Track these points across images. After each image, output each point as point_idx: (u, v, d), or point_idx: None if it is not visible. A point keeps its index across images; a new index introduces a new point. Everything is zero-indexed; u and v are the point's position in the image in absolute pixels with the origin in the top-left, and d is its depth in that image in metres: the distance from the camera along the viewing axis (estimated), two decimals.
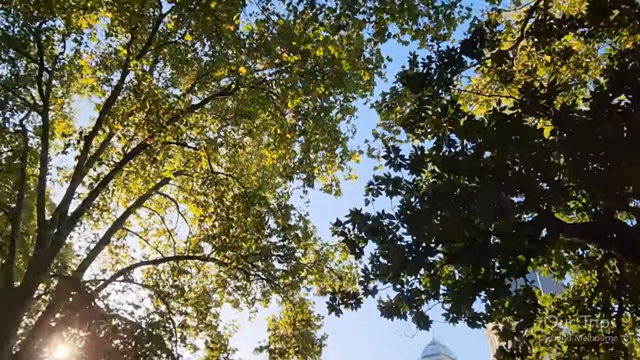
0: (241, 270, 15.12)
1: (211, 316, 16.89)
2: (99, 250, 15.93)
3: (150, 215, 20.46)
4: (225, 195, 13.40)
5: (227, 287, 17.07)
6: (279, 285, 13.99)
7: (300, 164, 13.68)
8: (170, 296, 15.80)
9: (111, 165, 14.78)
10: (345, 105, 15.22)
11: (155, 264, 16.57)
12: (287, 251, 13.59)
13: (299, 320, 14.13)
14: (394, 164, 7.29)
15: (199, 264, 18.46)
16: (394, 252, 7.57)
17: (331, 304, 8.16)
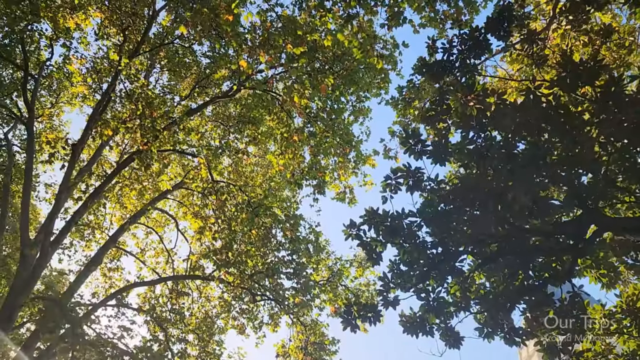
0: (246, 291, 14.66)
1: (214, 344, 16.38)
2: (90, 272, 15.60)
3: (147, 235, 20.18)
4: (227, 204, 13.01)
5: (231, 311, 16.59)
6: (288, 306, 13.48)
7: (310, 169, 13.30)
8: (169, 321, 15.35)
9: (102, 177, 14.52)
10: (358, 106, 14.89)
11: (152, 285, 16.18)
12: (296, 266, 13.11)
13: (312, 344, 13.57)
14: (415, 152, 6.86)
15: (200, 285, 18.05)
16: (417, 256, 7.10)
17: (346, 319, 7.68)
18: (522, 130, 6.56)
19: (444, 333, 8.17)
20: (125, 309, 15.34)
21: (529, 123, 6.50)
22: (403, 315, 8.14)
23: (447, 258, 6.96)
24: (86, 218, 18.52)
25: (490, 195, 6.62)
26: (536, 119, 6.55)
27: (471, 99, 6.47)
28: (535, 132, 6.54)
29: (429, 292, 7.27)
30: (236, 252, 12.98)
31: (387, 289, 7.57)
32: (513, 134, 6.68)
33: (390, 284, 7.56)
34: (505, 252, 6.78)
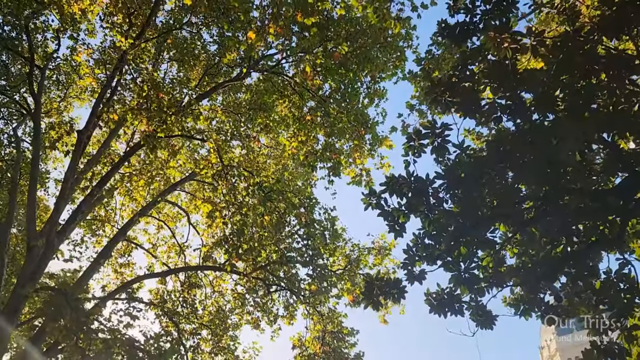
0: (260, 282, 13.98)
1: (228, 339, 15.71)
2: (99, 266, 15.04)
3: (158, 229, 19.64)
4: (237, 187, 12.36)
5: (245, 305, 15.92)
6: (304, 295, 12.77)
7: (324, 151, 12.60)
8: (181, 315, 14.72)
9: (109, 164, 13.97)
10: (373, 87, 14.18)
11: (163, 276, 15.57)
12: (312, 252, 12.40)
13: (329, 333, 12.83)
14: (440, 102, 6.10)
15: (213, 281, 17.43)
16: (446, 222, 6.34)
17: (367, 295, 6.94)
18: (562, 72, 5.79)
19: (474, 312, 7.41)
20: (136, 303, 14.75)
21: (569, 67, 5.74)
22: (429, 293, 7.41)
23: (478, 224, 6.19)
24: (96, 212, 18.07)
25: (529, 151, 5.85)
26: (576, 64, 5.79)
27: (506, 39, 5.72)
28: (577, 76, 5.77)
29: (459, 262, 6.49)
30: (248, 239, 12.31)
31: (411, 262, 6.83)
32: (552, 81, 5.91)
33: (416, 256, 6.82)
34: (545, 216, 6.01)
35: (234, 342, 15.72)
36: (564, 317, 7.40)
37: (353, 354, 12.84)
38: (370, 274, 6.85)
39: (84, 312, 9.43)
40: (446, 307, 7.26)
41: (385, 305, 11.38)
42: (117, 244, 16.06)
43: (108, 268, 19.06)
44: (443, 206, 6.38)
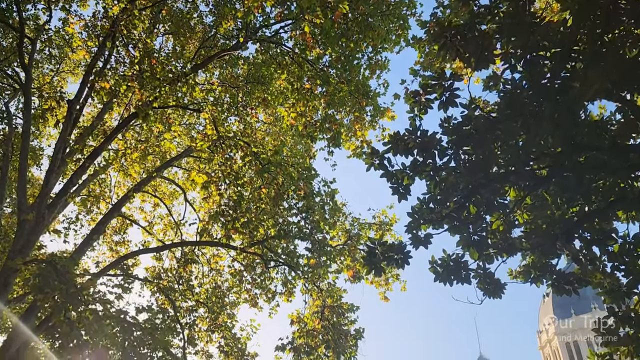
0: (258, 258, 13.59)
1: (225, 317, 15.37)
2: (93, 241, 14.67)
3: (155, 207, 19.24)
4: (234, 157, 11.89)
5: (243, 283, 15.55)
6: (302, 270, 12.37)
7: (324, 121, 12.13)
8: (177, 292, 14.36)
9: (102, 136, 13.49)
10: (375, 58, 13.65)
11: (158, 251, 15.18)
12: (310, 225, 11.98)
13: (328, 307, 12.45)
14: (450, 47, 5.62)
15: (211, 259, 17.06)
16: (454, 181, 5.91)
17: (369, 261, 6.54)
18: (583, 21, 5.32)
19: (482, 280, 7.03)
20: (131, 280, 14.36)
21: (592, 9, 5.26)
22: (434, 260, 7.01)
23: (489, 182, 5.76)
24: (90, 189, 17.66)
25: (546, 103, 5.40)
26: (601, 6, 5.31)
27: None
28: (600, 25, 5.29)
29: (467, 224, 6.08)
30: (245, 210, 11.88)
31: (416, 226, 6.42)
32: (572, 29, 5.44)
33: (421, 220, 6.40)
34: (561, 173, 5.57)
35: (232, 320, 15.38)
36: (576, 285, 7.02)
37: (353, 330, 12.49)
38: (372, 238, 6.40)
39: (73, 284, 9.03)
40: (452, 275, 6.87)
41: (387, 272, 11.01)
42: (112, 220, 15.66)
43: (103, 246, 18.74)
44: (451, 164, 5.93)
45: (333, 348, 11.74)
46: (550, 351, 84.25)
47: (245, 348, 15.09)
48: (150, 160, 15.49)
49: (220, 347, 15.08)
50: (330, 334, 11.93)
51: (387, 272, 10.83)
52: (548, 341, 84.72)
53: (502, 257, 6.81)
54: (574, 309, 79.27)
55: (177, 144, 17.81)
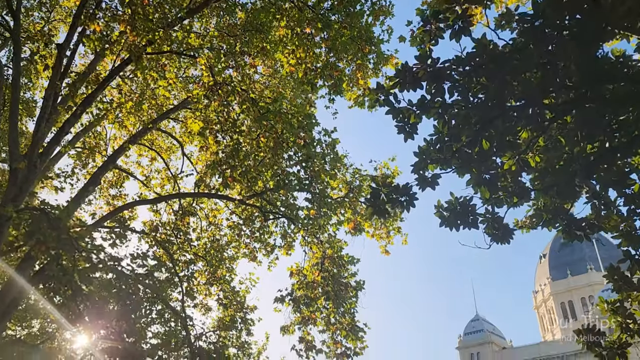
0: (257, 210, 13.30)
1: (224, 270, 15.21)
2: (88, 193, 14.37)
3: (152, 161, 18.85)
4: (231, 102, 11.43)
5: (241, 236, 15.33)
6: (302, 222, 12.10)
7: (324, 67, 11.61)
8: (174, 244, 14.14)
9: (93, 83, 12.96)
10: (379, 3, 12.99)
11: (154, 203, 14.88)
12: (310, 175, 11.62)
13: (328, 258, 12.24)
14: None
15: (209, 213, 16.80)
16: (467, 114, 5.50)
17: (373, 203, 6.19)
18: None
19: (490, 225, 6.70)
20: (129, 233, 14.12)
21: None
22: (440, 205, 6.66)
23: (504, 114, 5.35)
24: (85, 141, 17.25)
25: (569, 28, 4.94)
26: None
27: None
28: None
29: (478, 162, 5.69)
30: (243, 158, 11.49)
31: (423, 166, 6.05)
32: None
33: (428, 159, 6.03)
34: (582, 104, 5.16)
35: (230, 274, 15.23)
36: (588, 231, 6.71)
37: (353, 282, 12.31)
38: (376, 178, 6.04)
39: (65, 231, 8.74)
40: (459, 219, 6.54)
41: (392, 214, 10.71)
42: (107, 172, 15.30)
43: (100, 200, 18.46)
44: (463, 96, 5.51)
45: (333, 299, 11.59)
46: (545, 310, 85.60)
47: (244, 301, 14.99)
48: (146, 112, 15.01)
49: (219, 300, 14.99)
50: (330, 285, 11.75)
51: (391, 215, 10.50)
52: (543, 301, 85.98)
53: (512, 200, 6.48)
54: (570, 269, 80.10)
55: (174, 96, 17.30)
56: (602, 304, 6.70)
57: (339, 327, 11.78)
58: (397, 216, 12.97)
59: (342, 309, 11.81)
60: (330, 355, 11.73)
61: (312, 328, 12.39)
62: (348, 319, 11.83)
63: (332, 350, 11.78)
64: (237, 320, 14.74)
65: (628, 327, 6.40)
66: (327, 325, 11.95)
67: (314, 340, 12.06)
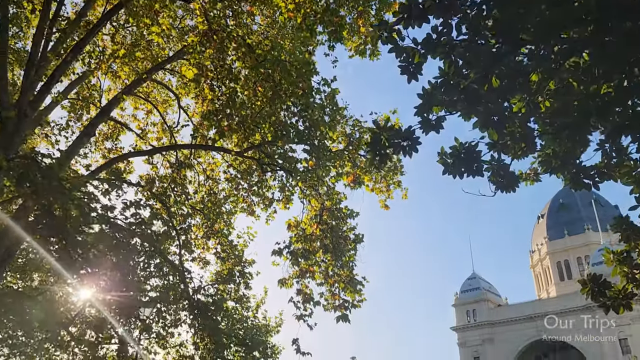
0: (254, 162, 13.00)
1: (221, 224, 15.05)
2: (82, 144, 14.06)
3: (148, 114, 18.44)
4: (227, 48, 10.96)
5: (239, 190, 15.09)
6: (301, 174, 11.81)
7: (324, 13, 11.08)
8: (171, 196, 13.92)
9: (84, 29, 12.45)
10: None
11: (150, 154, 14.57)
12: (309, 124, 11.27)
13: (327, 210, 12.04)
14: None
15: (206, 168, 16.53)
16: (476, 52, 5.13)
17: (373, 147, 5.89)
18: None
19: (495, 172, 6.42)
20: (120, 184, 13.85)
21: None
22: (443, 152, 6.36)
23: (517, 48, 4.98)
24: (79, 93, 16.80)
25: None
26: None
27: None
28: None
29: (486, 102, 5.36)
30: (239, 105, 11.12)
31: (427, 108, 5.71)
32: None
33: (433, 101, 5.68)
34: (601, 37, 4.78)
35: (228, 227, 15.07)
36: (597, 179, 6.44)
37: (352, 236, 12.15)
38: (377, 121, 5.73)
39: (57, 178, 8.47)
40: (463, 166, 6.25)
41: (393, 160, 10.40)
42: (102, 122, 14.93)
43: (96, 154, 18.16)
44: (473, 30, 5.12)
45: (331, 252, 11.44)
46: (540, 270, 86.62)
47: (242, 255, 14.90)
48: (141, 64, 14.52)
49: (217, 254, 14.90)
50: (328, 238, 11.58)
51: (393, 160, 10.24)
52: (540, 260, 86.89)
53: (519, 147, 6.18)
54: (568, 229, 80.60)
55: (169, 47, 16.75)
56: (608, 254, 6.48)
57: (338, 280, 11.68)
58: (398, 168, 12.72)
59: (340, 262, 11.68)
60: (328, 307, 11.68)
61: (310, 281, 12.31)
62: (346, 271, 11.73)
63: (330, 303, 11.72)
64: (235, 274, 14.70)
65: (634, 277, 6.21)
66: (326, 278, 11.86)
67: (312, 294, 11.98)
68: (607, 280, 6.14)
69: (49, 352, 18.09)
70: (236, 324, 15.77)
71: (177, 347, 15.58)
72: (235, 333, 15.60)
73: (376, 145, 5.88)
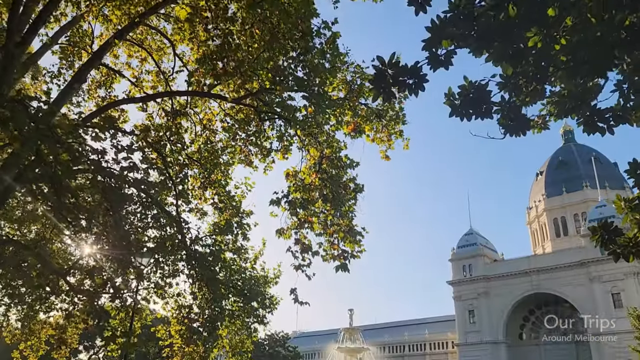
0: (252, 111, 12.58)
1: (219, 175, 14.74)
2: (73, 91, 13.57)
3: (142, 62, 17.83)
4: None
5: (237, 141, 14.71)
6: (300, 122, 11.41)
7: None
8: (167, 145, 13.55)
9: None
10: None
11: (144, 101, 14.11)
12: (308, 69, 10.79)
13: (326, 159, 11.71)
14: None
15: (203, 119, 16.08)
16: None
17: (377, 84, 5.52)
18: None
19: (506, 114, 6.09)
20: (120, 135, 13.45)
21: None
22: (451, 93, 6.00)
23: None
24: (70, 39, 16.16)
25: None
26: None
27: None
28: None
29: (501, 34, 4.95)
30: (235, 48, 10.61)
31: (436, 41, 5.30)
32: None
33: (442, 34, 5.27)
34: None
35: (225, 178, 14.78)
36: (611, 123, 6.11)
37: (352, 185, 11.86)
38: (381, 57, 5.33)
39: (45, 120, 8.10)
40: (471, 108, 5.92)
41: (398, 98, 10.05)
42: (93, 68, 14.39)
43: (90, 102, 17.67)
44: None
45: (331, 201, 11.18)
46: (537, 226, 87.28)
47: (240, 206, 14.68)
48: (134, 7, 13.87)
49: (214, 204, 14.66)
50: (327, 187, 11.29)
51: (397, 98, 9.86)
52: (537, 217, 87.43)
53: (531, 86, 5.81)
54: (566, 187, 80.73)
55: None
56: (619, 201, 6.22)
57: (337, 230, 11.47)
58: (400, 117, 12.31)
59: (339, 212, 11.43)
60: (327, 258, 11.52)
61: (308, 232, 12.11)
62: (346, 221, 11.50)
63: (329, 253, 11.56)
64: (233, 225, 14.51)
65: None
66: (325, 229, 11.65)
67: (310, 244, 11.79)
68: (619, 228, 5.89)
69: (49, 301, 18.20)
70: (234, 275, 15.72)
71: (175, 297, 15.58)
72: (234, 284, 15.58)
73: (380, 82, 5.51)
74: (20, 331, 21.12)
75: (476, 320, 72.58)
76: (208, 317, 14.79)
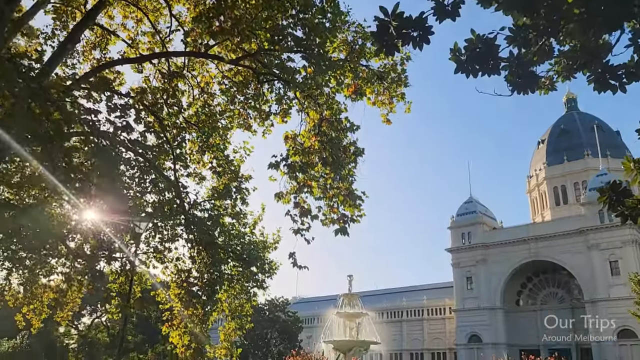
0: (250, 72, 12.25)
1: (217, 139, 14.51)
2: (66, 51, 13.23)
3: (138, 23, 17.37)
4: None
5: (235, 104, 14.42)
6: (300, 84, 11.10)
7: None
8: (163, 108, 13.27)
9: None
10: None
11: (139, 62, 13.77)
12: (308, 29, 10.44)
13: (326, 121, 11.46)
14: None
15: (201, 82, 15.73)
16: None
17: (379, 37, 5.25)
18: None
19: (514, 70, 5.84)
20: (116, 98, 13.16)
21: None
22: (456, 48, 5.74)
23: None
24: None
25: None
26: None
27: None
28: None
29: None
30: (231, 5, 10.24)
31: None
32: None
33: None
34: None
35: (224, 142, 14.55)
36: (624, 80, 5.87)
37: (352, 149, 11.63)
38: (384, 8, 5.04)
39: (36, 80, 7.85)
40: (478, 63, 5.67)
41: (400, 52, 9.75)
42: (87, 28, 13.99)
43: (85, 65, 17.29)
44: None
45: (330, 164, 10.97)
46: (537, 195, 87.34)
47: (238, 170, 14.49)
48: None
49: (212, 169, 14.48)
50: (327, 150, 11.06)
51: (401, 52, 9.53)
52: (537, 185, 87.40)
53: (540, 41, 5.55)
54: (567, 155, 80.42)
55: None
56: (628, 162, 6.02)
57: (337, 193, 11.30)
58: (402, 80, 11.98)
59: (339, 175, 11.22)
60: (327, 222, 11.39)
61: (308, 196, 11.95)
62: (346, 184, 11.32)
63: (328, 217, 11.43)
64: (232, 189, 14.36)
65: None
66: (324, 192, 11.48)
67: (309, 208, 11.65)
68: (628, 189, 5.71)
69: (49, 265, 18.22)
70: (233, 240, 15.66)
71: (174, 261, 15.56)
72: (233, 248, 15.52)
73: (383, 35, 5.23)
74: (22, 295, 21.25)
75: (474, 286, 73.35)
76: (207, 281, 14.79)
